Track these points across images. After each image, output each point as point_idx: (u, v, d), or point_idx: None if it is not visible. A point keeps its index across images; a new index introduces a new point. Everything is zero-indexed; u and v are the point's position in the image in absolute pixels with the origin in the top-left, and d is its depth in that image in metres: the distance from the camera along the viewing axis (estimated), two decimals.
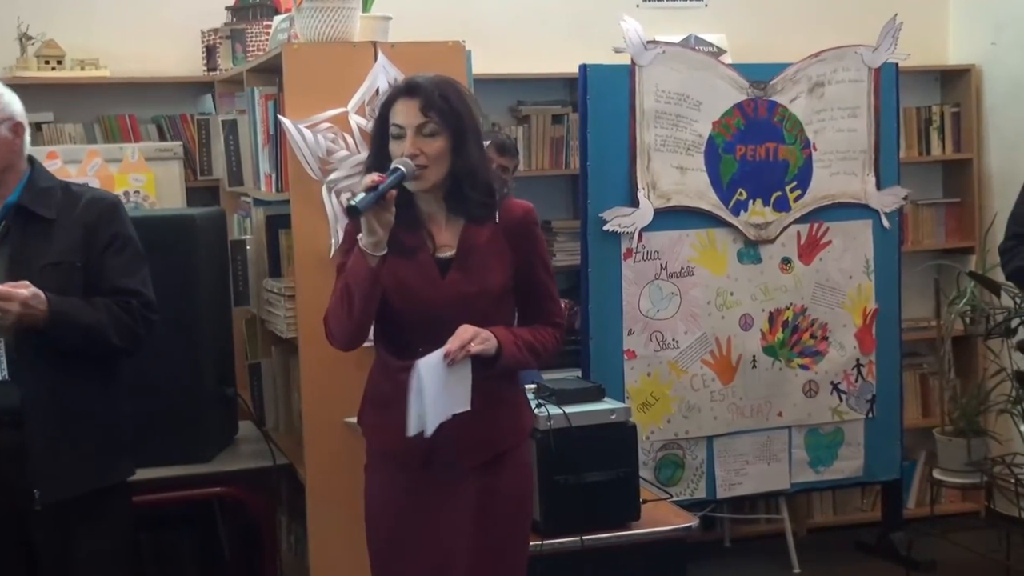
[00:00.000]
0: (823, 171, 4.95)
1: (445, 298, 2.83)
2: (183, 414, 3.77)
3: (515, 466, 2.94)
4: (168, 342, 3.73)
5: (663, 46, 4.74)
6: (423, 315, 2.83)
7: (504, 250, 2.88)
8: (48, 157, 4.67)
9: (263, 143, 3.85)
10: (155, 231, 3.80)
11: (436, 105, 2.79)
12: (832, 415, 5.02)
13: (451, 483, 2.87)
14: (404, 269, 2.84)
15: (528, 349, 2.87)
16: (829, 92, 4.94)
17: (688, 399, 4.80)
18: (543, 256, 2.97)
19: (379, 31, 3.71)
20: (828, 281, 4.99)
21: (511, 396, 2.96)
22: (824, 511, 5.73)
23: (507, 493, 2.91)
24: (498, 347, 2.79)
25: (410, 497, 2.91)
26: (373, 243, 2.74)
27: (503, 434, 2.92)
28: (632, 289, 4.71)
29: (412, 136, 2.79)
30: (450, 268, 2.86)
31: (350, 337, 2.88)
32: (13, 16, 4.87)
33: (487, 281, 2.86)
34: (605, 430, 3.36)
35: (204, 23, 5.06)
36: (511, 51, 5.36)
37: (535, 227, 2.94)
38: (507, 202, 2.92)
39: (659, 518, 3.44)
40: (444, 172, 2.82)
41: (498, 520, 2.89)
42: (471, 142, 2.83)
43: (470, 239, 2.87)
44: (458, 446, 2.83)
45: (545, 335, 2.93)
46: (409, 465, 2.88)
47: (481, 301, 2.84)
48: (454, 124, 2.80)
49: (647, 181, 4.70)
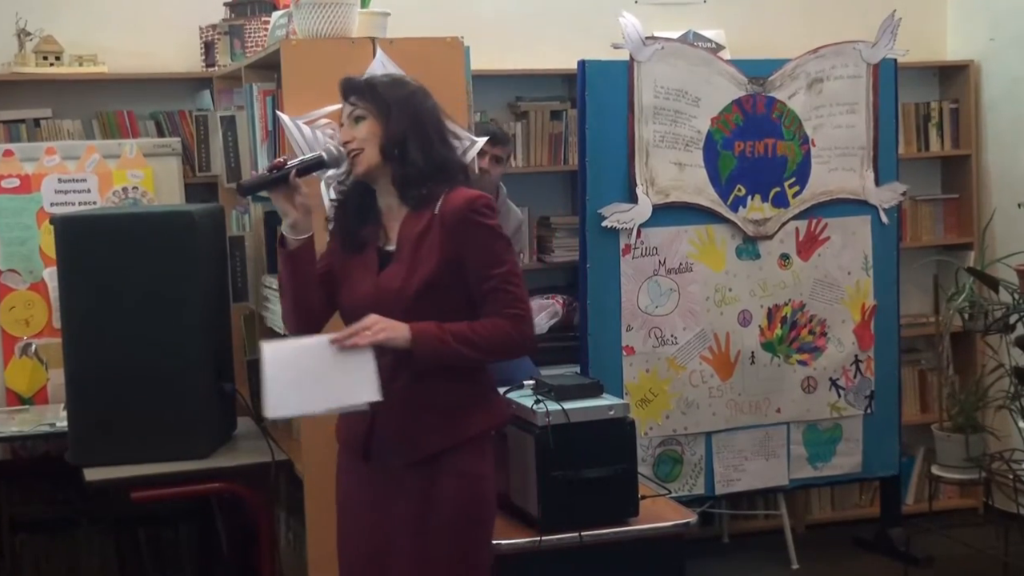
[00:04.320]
0: (822, 167, 4.95)
1: (372, 291, 2.83)
2: (181, 410, 3.77)
3: (453, 473, 2.82)
4: (166, 338, 3.75)
5: (662, 42, 4.74)
6: (356, 307, 2.83)
7: (439, 241, 2.80)
8: (46, 153, 4.68)
9: (261, 139, 3.85)
10: (153, 227, 3.82)
11: (361, 92, 2.85)
12: (830, 411, 5.02)
13: (391, 480, 2.86)
14: (353, 263, 2.89)
15: (460, 342, 2.75)
16: (828, 88, 4.93)
17: (687, 395, 4.80)
18: (488, 245, 2.81)
19: (377, 27, 3.71)
20: (827, 277, 4.98)
21: (448, 397, 2.84)
22: (822, 507, 5.73)
23: (444, 501, 2.81)
24: (409, 340, 2.72)
25: (357, 487, 2.94)
26: (288, 224, 2.84)
27: (435, 436, 2.82)
28: (631, 285, 4.71)
29: (346, 125, 2.87)
30: (390, 261, 2.86)
31: (292, 326, 2.95)
32: (11, 12, 4.86)
33: (413, 274, 2.80)
34: (603, 426, 3.35)
35: (202, 19, 5.06)
36: (510, 47, 5.36)
37: (477, 216, 2.80)
38: (453, 192, 2.82)
39: (657, 514, 3.43)
40: (377, 152, 2.83)
41: (439, 529, 2.82)
42: (406, 127, 2.82)
43: (407, 231, 2.85)
44: (386, 442, 2.83)
45: (489, 327, 2.79)
46: (352, 458, 2.92)
47: (403, 294, 2.78)
48: (382, 109, 2.83)
49: (646, 177, 4.69)
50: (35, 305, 4.64)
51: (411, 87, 2.91)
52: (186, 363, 3.77)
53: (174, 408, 3.76)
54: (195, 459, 3.80)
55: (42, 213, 4.61)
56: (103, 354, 3.75)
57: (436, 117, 2.90)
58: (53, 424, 4.24)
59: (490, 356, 2.85)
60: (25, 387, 4.63)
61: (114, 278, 3.75)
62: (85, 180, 4.70)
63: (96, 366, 3.76)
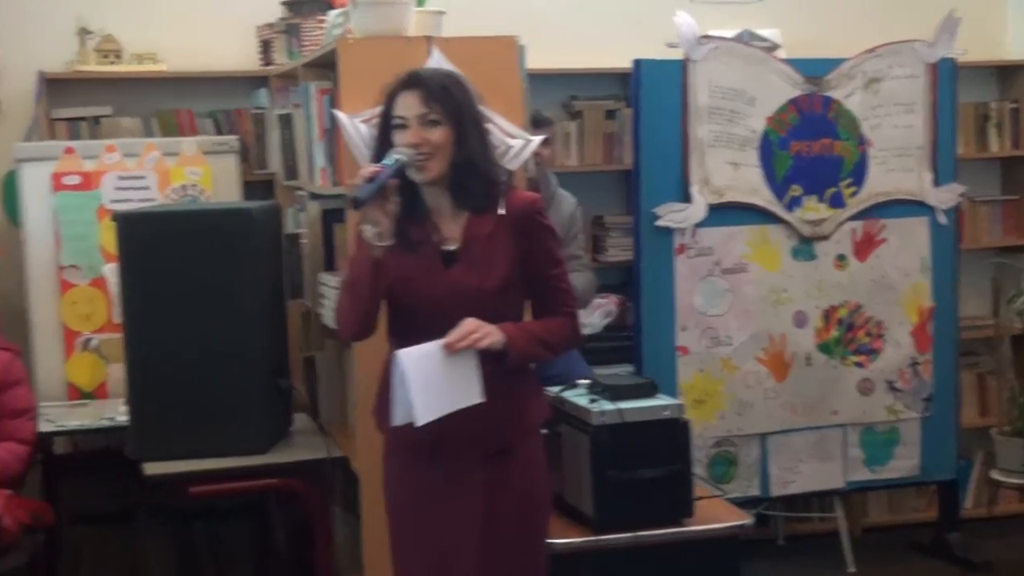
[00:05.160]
0: (879, 167, 4.91)
1: (448, 291, 2.85)
2: (239, 406, 3.81)
3: (524, 462, 2.93)
4: (224, 335, 3.79)
5: (717, 41, 4.72)
6: (427, 308, 2.85)
7: (508, 242, 2.87)
8: (107, 151, 4.75)
9: (318, 137, 3.87)
10: (211, 224, 3.86)
11: (438, 96, 2.83)
12: (887, 413, 4.97)
13: (458, 476, 2.88)
14: (409, 262, 2.87)
15: (538, 342, 2.88)
16: (885, 88, 4.89)
17: (741, 396, 4.77)
18: (550, 246, 2.95)
19: (433, 26, 3.72)
20: (884, 278, 4.94)
21: (517, 390, 2.94)
22: (879, 510, 5.67)
23: (516, 490, 2.90)
24: (505, 343, 2.79)
25: (420, 488, 2.93)
26: (377, 233, 2.78)
27: (508, 428, 2.91)
28: (685, 285, 4.69)
29: (415, 126, 2.82)
30: (454, 261, 2.88)
31: (354, 328, 2.93)
32: (73, 11, 4.93)
33: (490, 273, 2.86)
34: (658, 426, 3.34)
35: (260, 18, 5.11)
36: (565, 46, 5.36)
37: (540, 217, 2.93)
38: (513, 193, 2.93)
39: (712, 515, 3.42)
40: (447, 163, 2.84)
41: (507, 519, 2.89)
42: (472, 133, 2.85)
43: (474, 231, 2.88)
44: (462, 438, 2.84)
45: (556, 326, 2.93)
46: (418, 457, 2.90)
47: (484, 293, 2.85)
48: (456, 115, 2.83)
49: (700, 177, 4.67)
50: (96, 300, 4.70)
51: (472, 92, 2.92)
52: (243, 359, 3.81)
53: (231, 404, 3.79)
54: (252, 455, 3.83)
55: (102, 210, 4.67)
56: (162, 349, 3.80)
57: (484, 122, 2.94)
58: (113, 418, 4.29)
59: (557, 354, 2.99)
60: (86, 381, 4.69)
61: (173, 274, 3.79)
62: (144, 177, 4.76)
63: (155, 361, 3.80)
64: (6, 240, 4.85)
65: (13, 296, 4.74)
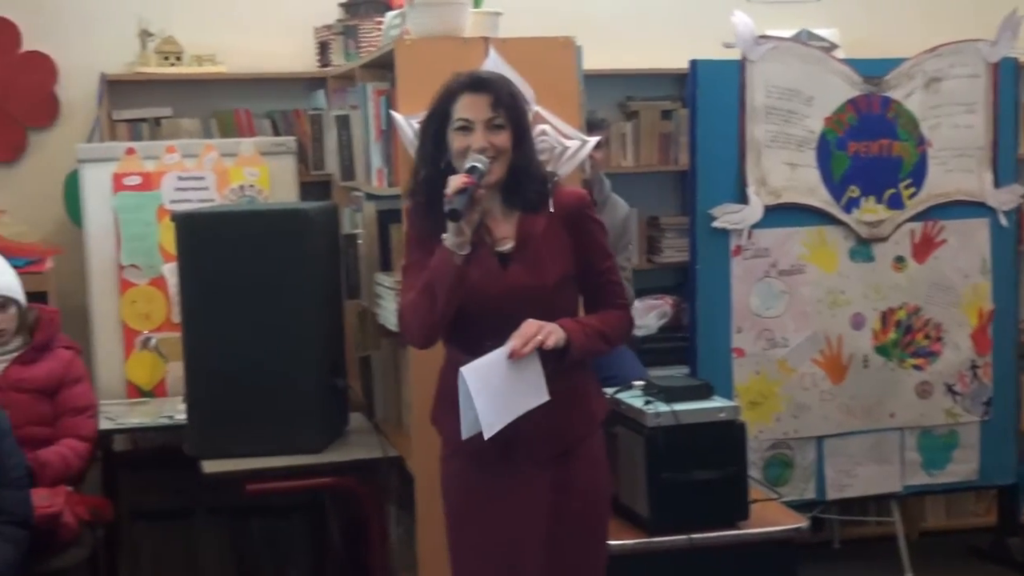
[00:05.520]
0: (938, 168, 4.85)
1: (507, 291, 2.86)
2: (296, 405, 3.84)
3: (588, 459, 2.96)
4: (281, 334, 3.82)
5: (774, 41, 4.68)
6: (487, 309, 2.86)
7: (562, 238, 2.90)
8: (167, 151, 4.80)
9: (375, 138, 3.89)
10: (269, 224, 3.89)
11: (505, 101, 2.85)
12: (946, 417, 4.92)
13: (525, 478, 2.88)
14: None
15: (598, 336, 2.91)
16: (945, 87, 4.83)
17: (797, 398, 4.74)
18: (600, 240, 2.98)
19: (490, 26, 3.73)
20: (943, 280, 4.88)
21: (579, 387, 2.97)
22: (937, 514, 5.61)
23: (581, 488, 2.93)
24: (567, 338, 2.82)
25: (483, 488, 2.93)
26: (460, 243, 2.78)
27: (573, 425, 2.94)
28: (741, 287, 4.67)
29: (482, 130, 2.83)
30: (511, 261, 2.89)
31: (429, 334, 2.94)
32: (134, 14, 4.99)
33: (547, 271, 2.88)
34: (713, 428, 3.33)
35: (317, 19, 5.15)
36: (620, 46, 5.36)
37: (589, 211, 2.96)
38: (561, 190, 2.96)
39: (768, 518, 3.40)
40: (507, 166, 2.87)
41: (572, 516, 2.92)
42: (527, 137, 2.91)
43: (527, 230, 2.90)
44: (532, 439, 2.85)
45: (613, 319, 2.97)
46: (483, 460, 2.89)
47: (543, 291, 2.87)
48: (518, 120, 2.87)
49: (757, 177, 4.65)
50: (155, 300, 4.76)
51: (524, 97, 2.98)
52: (300, 359, 3.84)
53: (288, 403, 3.82)
54: (308, 453, 3.86)
55: (162, 210, 4.73)
56: (220, 348, 3.84)
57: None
58: (172, 416, 4.35)
59: (615, 346, 3.02)
60: (145, 380, 4.75)
61: (231, 274, 3.83)
62: (203, 178, 4.81)
63: (213, 360, 3.85)
64: (68, 240, 4.93)
65: (75, 295, 4.81)
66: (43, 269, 4.68)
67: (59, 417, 4.22)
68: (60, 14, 5.05)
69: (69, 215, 4.98)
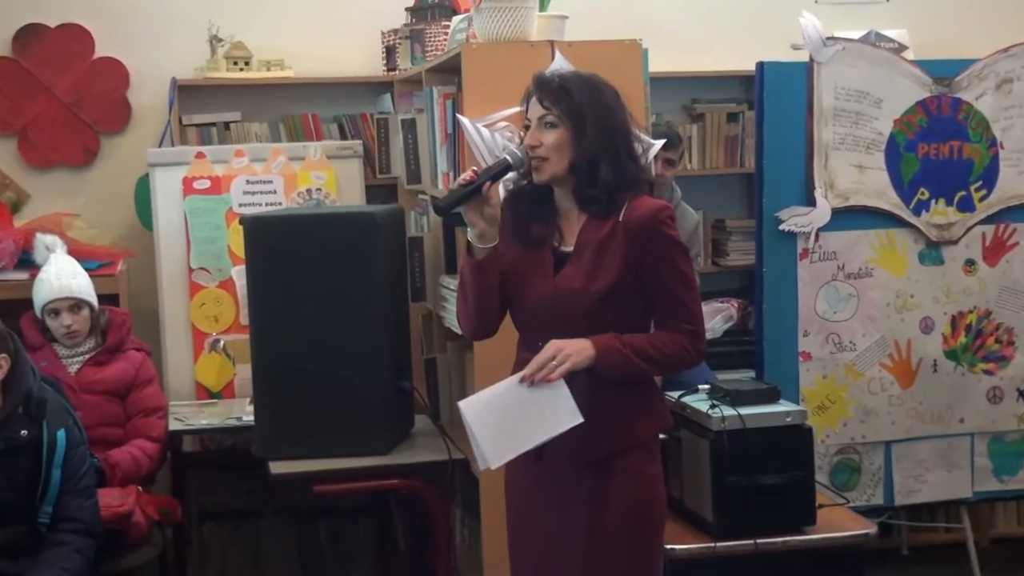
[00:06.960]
0: (1010, 170, 4.78)
1: (553, 292, 2.83)
2: (362, 407, 3.85)
3: (627, 474, 2.82)
4: (347, 336, 3.84)
5: (843, 42, 4.64)
6: (538, 307, 2.84)
7: (623, 249, 2.79)
8: (236, 155, 4.86)
9: (441, 142, 3.91)
10: (336, 228, 3.92)
11: (555, 97, 2.81)
12: (1018, 422, 4.84)
13: (562, 482, 2.85)
14: (527, 261, 2.88)
15: (638, 356, 2.76)
16: (1018, 88, 4.76)
17: (865, 403, 4.69)
18: (671, 257, 2.81)
19: (556, 30, 3.73)
20: (1015, 284, 4.81)
21: (623, 401, 2.84)
22: (1008, 521, 5.53)
23: (616, 501, 2.81)
24: (593, 358, 2.73)
25: (530, 493, 2.93)
26: (476, 235, 2.81)
27: (609, 439, 2.81)
28: (808, 290, 4.63)
29: (536, 127, 2.83)
30: (565, 263, 2.85)
31: (471, 327, 2.96)
32: (205, 19, 5.05)
33: (596, 278, 2.79)
34: (780, 432, 3.31)
35: (384, 24, 5.17)
36: (686, 49, 5.34)
37: (663, 227, 2.80)
38: (637, 200, 2.82)
39: (835, 523, 3.38)
40: (565, 164, 2.81)
41: (611, 533, 2.81)
42: (593, 135, 2.79)
43: (588, 235, 2.84)
44: (560, 448, 2.80)
45: (665, 341, 2.80)
46: (526, 466, 2.87)
47: (583, 298, 2.79)
48: (575, 116, 2.80)
49: (824, 180, 4.60)
50: (223, 302, 4.81)
51: (606, 95, 2.85)
52: (366, 361, 3.86)
53: (355, 405, 3.84)
54: (374, 455, 3.87)
55: (231, 213, 4.79)
56: (287, 351, 3.86)
57: (627, 128, 2.87)
58: (240, 418, 4.39)
59: (664, 371, 2.92)
60: (214, 381, 4.80)
61: (298, 277, 3.86)
62: (271, 181, 4.86)
63: (281, 362, 3.87)
64: (139, 243, 5.00)
65: (145, 298, 4.88)
66: (115, 272, 4.75)
67: (130, 418, 4.29)
68: (132, 21, 5.13)
69: (140, 219, 5.05)
